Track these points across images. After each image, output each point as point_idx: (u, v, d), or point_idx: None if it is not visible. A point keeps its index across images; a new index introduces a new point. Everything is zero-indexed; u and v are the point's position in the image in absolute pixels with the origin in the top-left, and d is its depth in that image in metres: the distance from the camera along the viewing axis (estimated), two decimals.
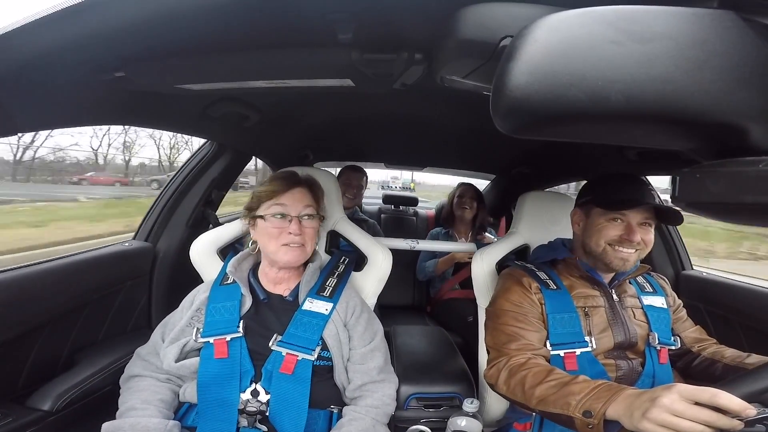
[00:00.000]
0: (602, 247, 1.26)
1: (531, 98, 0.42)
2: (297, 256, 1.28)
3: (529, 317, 1.27)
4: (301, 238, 1.27)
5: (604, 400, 0.90)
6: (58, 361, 1.43)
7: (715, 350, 1.29)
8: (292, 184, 1.32)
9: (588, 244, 1.30)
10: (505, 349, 1.22)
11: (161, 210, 1.93)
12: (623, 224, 1.24)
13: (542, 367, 1.12)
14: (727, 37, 0.40)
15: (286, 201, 1.29)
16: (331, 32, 0.83)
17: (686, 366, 1.32)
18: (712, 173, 0.43)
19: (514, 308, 1.29)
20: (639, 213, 1.23)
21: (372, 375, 1.26)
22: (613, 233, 1.24)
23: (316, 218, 1.32)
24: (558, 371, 1.09)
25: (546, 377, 1.06)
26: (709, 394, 0.76)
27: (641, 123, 0.42)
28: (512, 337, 1.24)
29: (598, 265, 1.31)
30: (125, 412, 1.12)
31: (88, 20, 0.70)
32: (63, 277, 1.41)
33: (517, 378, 1.12)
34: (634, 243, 1.22)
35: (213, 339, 1.21)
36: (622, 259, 1.24)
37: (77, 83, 0.98)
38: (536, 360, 1.17)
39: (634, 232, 1.22)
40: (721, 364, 1.23)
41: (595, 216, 1.29)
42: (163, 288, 1.90)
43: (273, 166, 2.57)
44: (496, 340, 1.28)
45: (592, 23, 0.41)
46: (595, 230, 1.28)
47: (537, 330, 1.26)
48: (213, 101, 1.42)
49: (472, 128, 2.00)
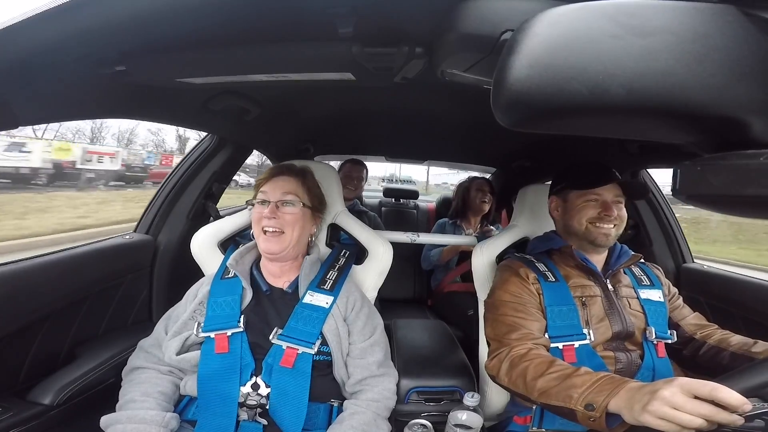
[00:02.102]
0: (584, 226, 1.34)
1: (531, 92, 0.42)
2: (276, 244, 1.28)
3: (528, 307, 1.29)
4: (277, 222, 1.27)
5: (606, 394, 0.91)
6: (59, 355, 1.43)
7: (720, 337, 1.29)
8: (277, 173, 1.35)
9: (571, 225, 1.37)
10: (505, 340, 1.23)
11: (162, 203, 1.93)
12: (598, 203, 1.33)
13: (543, 359, 1.12)
14: (727, 31, 0.40)
15: (267, 188, 1.32)
16: (332, 26, 0.83)
17: (693, 354, 1.32)
18: (713, 166, 0.43)
19: (513, 299, 1.31)
20: (610, 191, 1.33)
21: (372, 369, 1.27)
22: (592, 212, 1.34)
23: (296, 206, 1.31)
24: (559, 362, 1.09)
25: (548, 369, 1.06)
26: (708, 389, 0.76)
27: (642, 116, 0.42)
28: (513, 327, 1.25)
29: (583, 245, 1.37)
30: (125, 404, 1.12)
31: (89, 14, 0.70)
32: (64, 270, 1.42)
33: (518, 370, 1.12)
34: (612, 218, 1.31)
35: (214, 334, 1.21)
36: (605, 235, 1.32)
37: (78, 77, 0.98)
38: (537, 351, 1.18)
39: (611, 207, 1.31)
40: (728, 352, 1.23)
41: (573, 199, 1.38)
42: (164, 281, 1.91)
43: (274, 159, 2.57)
44: (496, 331, 1.29)
45: (593, 17, 0.41)
46: (575, 211, 1.36)
47: (537, 319, 1.28)
48: (214, 95, 1.42)
49: (473, 122, 2.00)
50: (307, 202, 1.35)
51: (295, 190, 1.33)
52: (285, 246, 1.28)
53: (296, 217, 1.30)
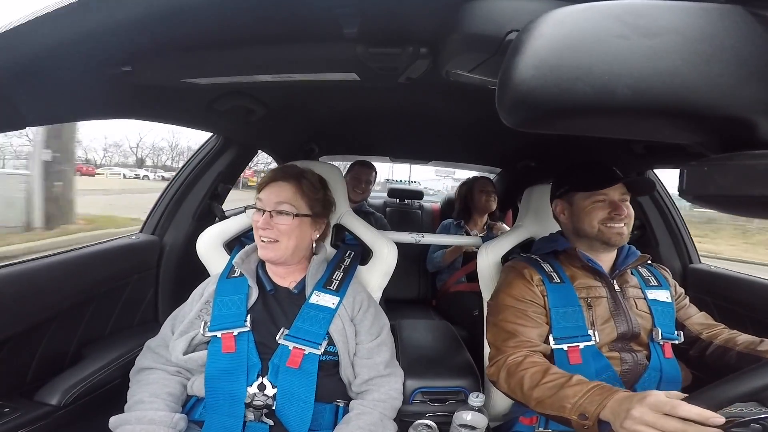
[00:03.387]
0: (597, 228, 1.32)
1: (537, 92, 0.42)
2: (271, 251, 1.27)
3: (529, 312, 1.29)
4: (271, 232, 1.25)
5: (596, 404, 0.96)
6: (66, 355, 1.44)
7: (727, 337, 1.29)
8: (273, 178, 1.32)
9: (581, 228, 1.35)
10: (503, 347, 1.25)
11: (168, 203, 1.94)
12: (606, 203, 1.32)
13: (539, 368, 1.14)
14: (735, 31, 0.40)
15: (263, 195, 1.29)
16: (337, 26, 0.83)
17: (700, 354, 1.32)
18: (720, 166, 0.43)
19: (515, 303, 1.31)
20: (616, 190, 1.32)
21: (379, 369, 1.27)
22: (602, 213, 1.31)
23: (290, 216, 1.26)
24: (554, 370, 1.12)
25: (542, 379, 1.10)
26: (670, 406, 0.82)
27: (648, 117, 0.42)
28: (511, 335, 1.26)
29: (595, 246, 1.36)
30: (133, 405, 1.13)
31: (95, 15, 0.70)
32: (70, 270, 1.42)
33: (515, 379, 1.16)
34: (623, 216, 1.30)
35: (220, 333, 1.21)
36: (618, 234, 1.31)
37: (85, 78, 0.98)
38: (533, 358, 1.19)
39: (620, 206, 1.30)
40: (735, 351, 1.23)
41: (579, 201, 1.35)
42: (170, 281, 1.91)
43: (279, 160, 2.57)
44: (495, 336, 1.31)
45: (599, 17, 0.40)
46: (584, 214, 1.34)
47: (536, 326, 1.28)
48: (219, 95, 1.42)
49: (478, 122, 1.99)
50: (303, 210, 1.30)
51: (289, 198, 1.28)
52: (281, 254, 1.27)
53: (291, 227, 1.26)
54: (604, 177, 1.33)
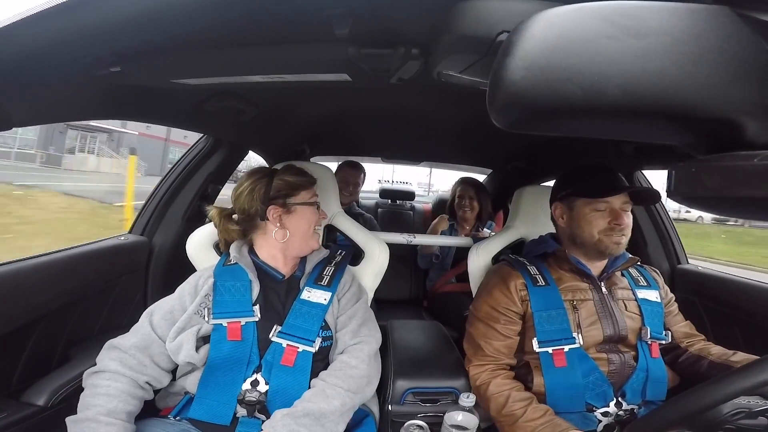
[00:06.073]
0: (596, 237, 1.29)
1: (527, 93, 0.42)
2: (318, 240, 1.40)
3: (498, 326, 1.34)
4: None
5: None
6: (54, 356, 1.42)
7: (702, 347, 1.33)
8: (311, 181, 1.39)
9: (579, 235, 1.33)
10: (472, 358, 1.38)
11: (157, 204, 1.93)
12: (607, 211, 1.29)
13: (500, 394, 1.25)
14: (722, 32, 0.40)
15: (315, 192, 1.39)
16: (328, 27, 0.83)
17: (673, 361, 1.35)
18: (708, 167, 0.43)
19: (489, 312, 1.36)
20: (619, 198, 1.29)
21: (345, 340, 1.28)
22: (602, 222, 1.29)
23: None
24: (513, 399, 1.22)
25: (503, 408, 1.22)
26: None
27: (637, 117, 0.42)
28: (478, 348, 1.35)
29: (590, 254, 1.34)
30: (83, 421, 0.98)
31: (84, 16, 0.70)
32: (58, 271, 1.41)
33: (485, 399, 1.28)
34: (623, 227, 1.27)
35: (226, 321, 1.20)
36: (616, 243, 1.28)
37: (73, 78, 0.98)
38: (497, 380, 1.28)
39: (621, 216, 1.28)
40: (707, 360, 1.26)
41: (580, 207, 1.33)
42: (159, 282, 1.90)
43: (270, 160, 2.56)
44: (467, 346, 1.42)
45: (588, 18, 0.41)
46: (584, 222, 1.31)
47: (503, 339, 1.33)
48: (209, 96, 1.42)
49: (469, 123, 2.00)
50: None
51: None
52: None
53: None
54: (609, 184, 1.30)
